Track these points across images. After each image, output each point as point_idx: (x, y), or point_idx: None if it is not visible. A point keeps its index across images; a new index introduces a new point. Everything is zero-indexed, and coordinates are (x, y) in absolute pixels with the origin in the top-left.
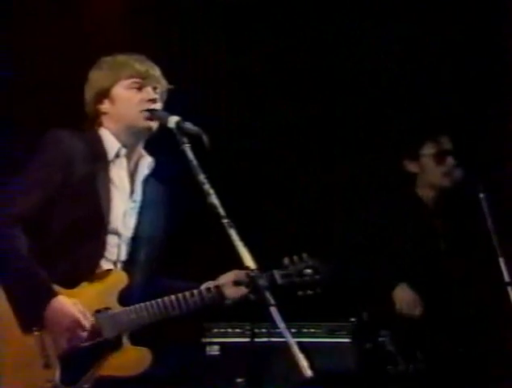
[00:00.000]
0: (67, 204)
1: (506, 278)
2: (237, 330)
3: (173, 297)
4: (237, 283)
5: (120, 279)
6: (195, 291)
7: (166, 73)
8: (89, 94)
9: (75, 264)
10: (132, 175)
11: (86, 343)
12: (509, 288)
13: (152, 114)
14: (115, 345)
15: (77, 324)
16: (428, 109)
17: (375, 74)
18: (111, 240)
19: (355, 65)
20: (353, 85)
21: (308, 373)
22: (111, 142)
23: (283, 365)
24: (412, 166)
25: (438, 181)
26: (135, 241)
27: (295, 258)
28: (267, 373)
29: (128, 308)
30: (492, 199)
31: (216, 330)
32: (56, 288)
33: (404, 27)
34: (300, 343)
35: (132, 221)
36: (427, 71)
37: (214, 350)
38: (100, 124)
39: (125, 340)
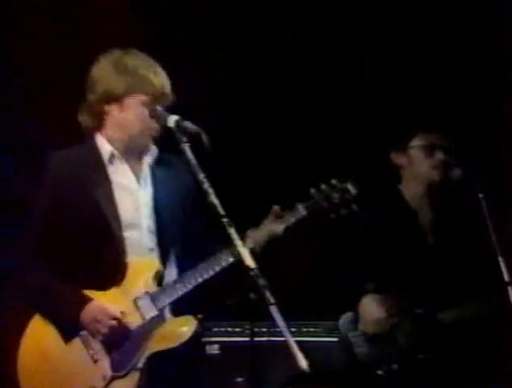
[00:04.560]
0: (75, 218)
1: (506, 278)
2: (237, 329)
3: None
4: (277, 216)
5: (150, 265)
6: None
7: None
8: (97, 89)
9: (101, 268)
10: (137, 166)
11: (130, 331)
12: (508, 288)
13: (152, 113)
14: (157, 321)
15: (115, 319)
16: (420, 103)
17: (372, 71)
18: (130, 234)
19: (350, 61)
20: (348, 80)
21: (304, 364)
22: (105, 148)
23: (283, 364)
24: (400, 159)
25: (426, 174)
26: (159, 226)
27: (322, 185)
28: (267, 373)
29: (162, 286)
30: (491, 198)
31: (215, 329)
32: (89, 293)
33: (401, 24)
34: (299, 343)
35: (147, 210)
36: (427, 70)
37: (214, 349)
38: (100, 125)
39: (167, 314)
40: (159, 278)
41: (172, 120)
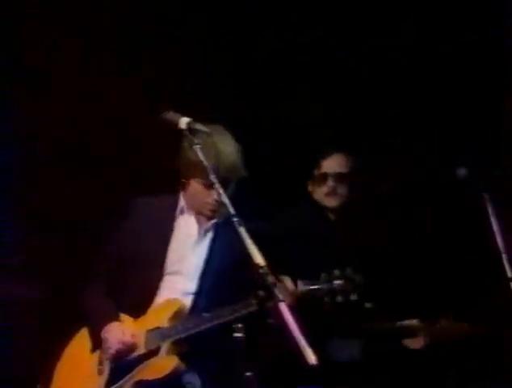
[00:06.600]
0: (131, 257)
1: (509, 274)
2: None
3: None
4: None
5: (173, 304)
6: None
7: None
8: (180, 162)
9: (135, 300)
10: (203, 220)
11: (132, 356)
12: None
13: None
14: (152, 354)
15: (120, 342)
16: (420, 103)
17: (372, 71)
18: (172, 278)
19: (350, 61)
20: (348, 80)
21: (312, 359)
22: (181, 203)
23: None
24: (309, 186)
25: (323, 201)
26: (203, 274)
27: (336, 271)
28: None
29: (173, 325)
30: (495, 198)
31: None
32: (125, 317)
33: (401, 24)
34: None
35: (197, 258)
36: (427, 70)
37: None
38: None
39: (163, 350)
40: (180, 316)
41: (184, 122)
